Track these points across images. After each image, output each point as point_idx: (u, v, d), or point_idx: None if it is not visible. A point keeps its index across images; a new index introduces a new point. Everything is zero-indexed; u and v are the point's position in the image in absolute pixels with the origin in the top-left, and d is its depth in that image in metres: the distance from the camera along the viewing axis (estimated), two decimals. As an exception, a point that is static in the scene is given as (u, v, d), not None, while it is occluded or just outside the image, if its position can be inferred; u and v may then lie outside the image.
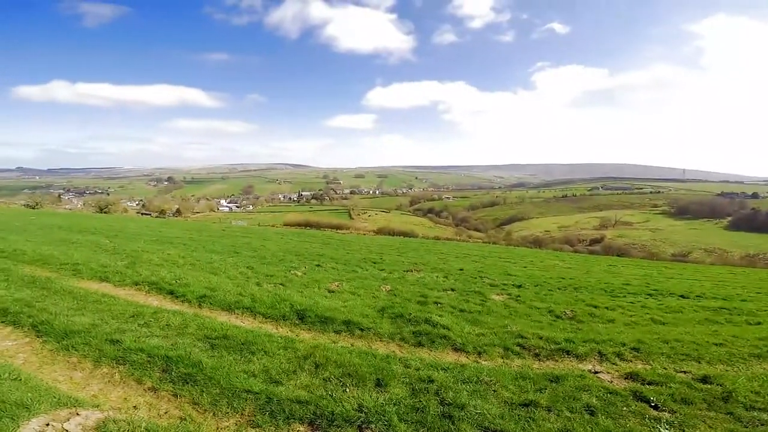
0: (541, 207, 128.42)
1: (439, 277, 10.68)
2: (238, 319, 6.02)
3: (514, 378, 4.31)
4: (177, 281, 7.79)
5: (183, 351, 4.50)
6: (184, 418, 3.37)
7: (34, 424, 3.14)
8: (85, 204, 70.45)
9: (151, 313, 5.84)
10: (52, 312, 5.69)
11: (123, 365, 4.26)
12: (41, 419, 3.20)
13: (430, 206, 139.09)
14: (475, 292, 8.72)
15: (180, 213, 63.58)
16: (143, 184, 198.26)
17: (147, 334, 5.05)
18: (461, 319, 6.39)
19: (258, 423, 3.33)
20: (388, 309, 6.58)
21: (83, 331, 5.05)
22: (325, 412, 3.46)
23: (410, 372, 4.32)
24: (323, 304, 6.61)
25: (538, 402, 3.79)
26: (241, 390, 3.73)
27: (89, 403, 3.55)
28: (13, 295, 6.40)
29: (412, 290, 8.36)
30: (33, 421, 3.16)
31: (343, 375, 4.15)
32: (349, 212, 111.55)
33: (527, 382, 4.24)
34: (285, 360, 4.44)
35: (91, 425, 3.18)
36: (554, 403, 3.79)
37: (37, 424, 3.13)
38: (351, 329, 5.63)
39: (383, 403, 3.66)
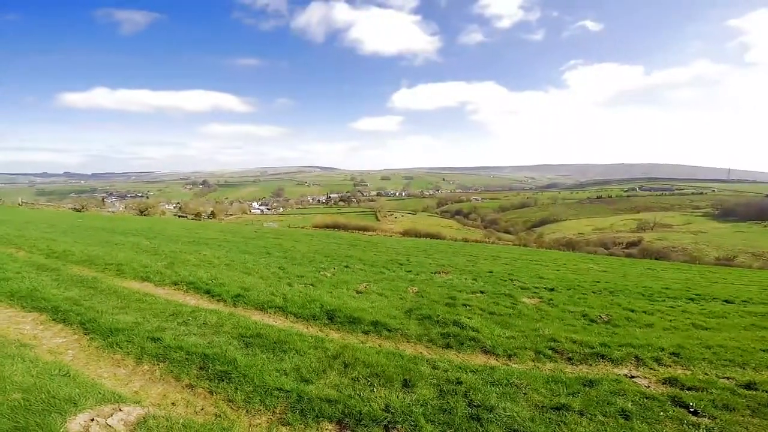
0: (575, 209, 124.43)
1: (467, 280, 10.58)
2: (271, 318, 6.17)
3: (546, 381, 4.24)
4: (213, 281, 8.07)
5: (219, 349, 4.62)
6: (219, 415, 3.47)
7: (80, 419, 3.27)
8: (127, 207, 74.25)
9: (189, 311, 6.04)
10: (98, 310, 5.96)
11: (163, 362, 4.40)
12: (87, 414, 3.34)
13: (458, 208, 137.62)
14: (505, 294, 8.60)
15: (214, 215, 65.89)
16: (180, 187, 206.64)
17: (185, 332, 5.23)
18: (491, 321, 6.32)
19: (289, 421, 3.40)
20: (415, 310, 6.60)
21: (127, 329, 5.25)
22: (353, 411, 3.51)
23: (438, 373, 4.32)
24: (352, 305, 6.71)
25: (570, 406, 3.72)
26: (273, 388, 3.82)
27: (131, 399, 3.67)
28: (63, 294, 6.73)
29: (439, 292, 8.33)
30: (79, 416, 3.31)
31: (371, 375, 4.19)
32: (375, 214, 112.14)
33: (559, 385, 4.16)
34: (315, 359, 4.52)
35: (133, 421, 3.30)
36: (587, 407, 3.72)
37: (83, 420, 3.27)
38: (378, 330, 5.68)
39: (410, 403, 3.68)
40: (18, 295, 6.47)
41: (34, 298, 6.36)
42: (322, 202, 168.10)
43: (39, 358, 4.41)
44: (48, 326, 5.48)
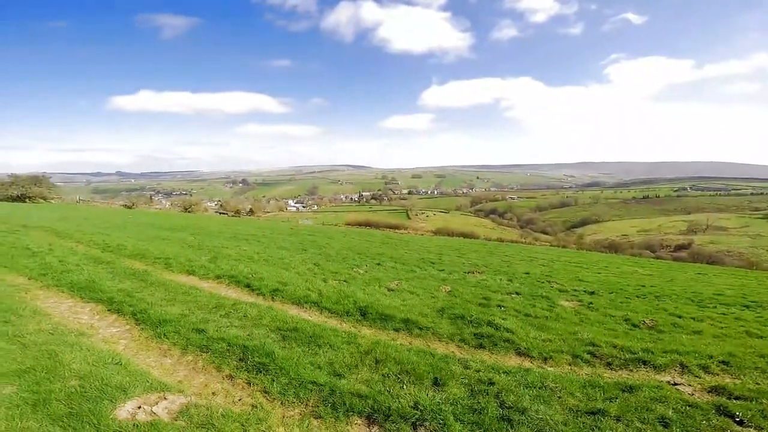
0: (618, 209, 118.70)
1: (502, 280, 10.42)
2: (306, 313, 6.35)
3: (582, 386, 4.15)
4: (253, 275, 8.39)
5: (258, 341, 4.78)
6: (255, 406, 3.57)
7: (128, 406, 3.44)
8: (172, 204, 78.23)
9: (230, 304, 6.30)
10: (148, 302, 6.27)
11: (206, 353, 4.58)
12: (134, 402, 3.51)
13: (493, 207, 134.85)
14: (542, 296, 8.41)
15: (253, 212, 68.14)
16: (220, 185, 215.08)
17: (227, 324, 5.45)
18: (526, 323, 6.21)
19: (320, 414, 3.48)
20: (447, 309, 6.59)
21: (174, 320, 5.49)
22: (382, 407, 3.55)
23: (469, 373, 4.31)
24: (384, 302, 6.79)
25: (606, 411, 3.63)
26: (307, 381, 3.91)
27: (175, 388, 3.82)
28: (117, 286, 7.19)
29: (473, 292, 8.26)
30: (128, 403, 3.48)
31: (401, 372, 4.23)
32: (407, 212, 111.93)
33: (596, 390, 4.06)
34: (348, 354, 4.61)
35: (176, 409, 3.45)
36: (624, 413, 3.62)
37: (131, 407, 3.43)
38: (410, 328, 5.72)
39: (439, 402, 3.69)
40: (78, 287, 6.98)
41: (91, 289, 6.83)
42: (354, 200, 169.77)
43: (95, 346, 4.69)
44: (103, 316, 5.85)
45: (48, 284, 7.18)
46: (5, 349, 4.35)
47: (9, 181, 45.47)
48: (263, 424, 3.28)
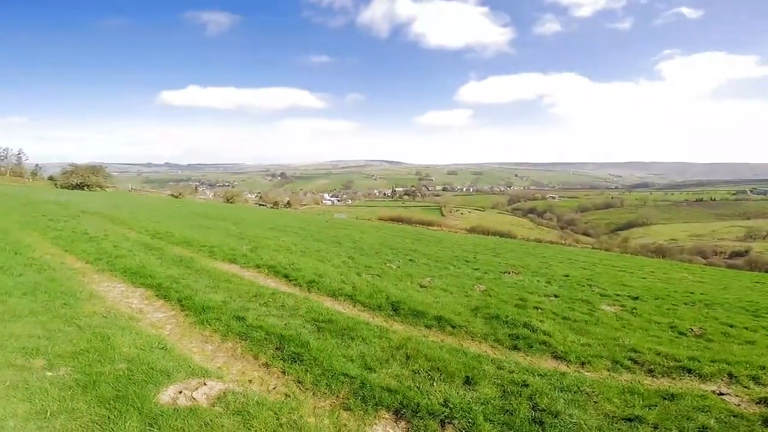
0: (668, 212, 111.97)
1: (540, 282, 10.15)
2: (340, 305, 6.45)
3: (621, 392, 4.01)
4: (291, 266, 8.62)
5: (294, 331, 4.86)
6: (289, 395, 3.62)
7: (171, 391, 3.52)
8: (216, 195, 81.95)
9: (269, 294, 6.49)
10: (193, 289, 6.49)
11: (245, 341, 4.67)
12: (177, 386, 3.58)
13: (532, 206, 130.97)
14: (582, 300, 8.13)
15: (290, 205, 70.15)
16: (260, 178, 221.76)
17: (266, 313, 5.59)
18: (564, 327, 6.04)
19: (350, 406, 3.50)
20: (482, 309, 6.50)
21: (216, 307, 5.63)
22: (411, 402, 3.54)
23: (503, 374, 4.25)
24: (416, 298, 6.78)
25: (644, 418, 3.50)
26: (339, 373, 3.94)
27: (215, 374, 3.89)
28: (165, 272, 7.53)
29: (509, 293, 8.10)
30: (170, 388, 3.56)
31: (432, 369, 4.21)
32: (440, 209, 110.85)
33: (635, 397, 3.92)
34: (379, 348, 4.63)
35: (214, 395, 3.51)
36: (663, 421, 3.48)
37: (173, 391, 3.51)
38: (442, 325, 5.69)
39: (470, 400, 3.65)
40: (129, 272, 7.39)
41: (141, 274, 7.21)
42: (387, 196, 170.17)
43: (143, 331, 4.84)
44: (151, 301, 6.11)
45: (103, 269, 7.66)
46: (63, 331, 4.57)
47: (70, 170, 49.43)
48: (295, 413, 3.33)
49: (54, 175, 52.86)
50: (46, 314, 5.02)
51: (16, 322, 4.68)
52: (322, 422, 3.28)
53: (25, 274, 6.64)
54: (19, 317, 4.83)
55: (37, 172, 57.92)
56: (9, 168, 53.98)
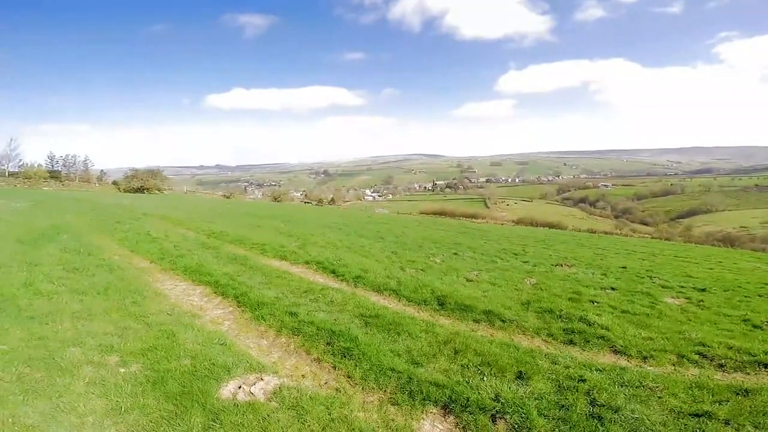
0: (736, 198, 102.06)
1: (595, 275, 9.65)
2: (386, 300, 6.49)
3: (687, 387, 3.79)
4: (338, 262, 8.80)
5: (343, 326, 4.94)
6: (339, 390, 3.68)
7: (231, 386, 3.64)
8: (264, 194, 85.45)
9: (319, 289, 6.65)
10: (248, 285, 6.74)
11: (297, 336, 4.81)
12: (236, 382, 3.71)
13: (583, 195, 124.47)
14: (642, 293, 7.65)
15: (333, 202, 71.48)
16: (305, 176, 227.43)
17: (316, 308, 5.72)
18: (624, 320, 5.74)
19: (397, 401, 3.51)
20: (533, 303, 6.31)
21: (270, 303, 5.81)
22: (461, 397, 3.50)
23: (558, 369, 4.11)
24: (463, 293, 6.69)
25: (713, 414, 3.29)
26: (387, 368, 3.96)
27: (270, 370, 4.00)
28: (221, 270, 7.85)
29: (562, 286, 7.79)
30: (230, 383, 3.69)
31: (482, 364, 4.14)
32: (484, 201, 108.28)
33: (703, 392, 3.69)
34: (426, 343, 4.61)
35: (270, 390, 3.61)
36: (735, 417, 3.25)
37: (233, 386, 3.63)
38: (491, 319, 5.57)
39: (523, 395, 3.56)
40: (189, 270, 7.80)
41: (200, 272, 7.58)
42: (428, 189, 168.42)
43: (203, 327, 5.06)
44: (210, 298, 6.37)
45: (166, 268, 8.16)
46: (133, 329, 4.86)
47: (131, 175, 53.61)
48: (346, 408, 3.37)
49: (117, 180, 57.40)
50: (118, 312, 5.38)
51: (93, 320, 5.04)
52: (371, 417, 3.32)
53: (97, 274, 7.20)
54: (95, 315, 5.20)
55: (102, 177, 62.23)
56: (78, 174, 59.05)
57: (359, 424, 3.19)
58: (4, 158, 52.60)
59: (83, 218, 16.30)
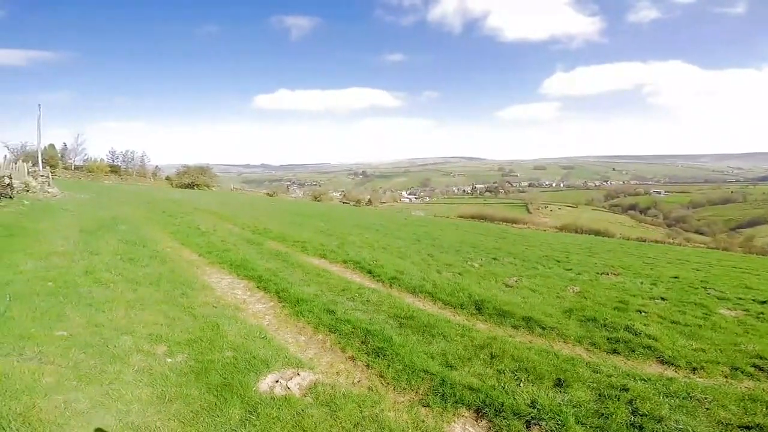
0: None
1: (644, 284, 9.15)
2: (421, 302, 6.45)
3: (739, 399, 3.59)
4: (374, 262, 8.86)
5: (378, 326, 4.95)
6: (372, 389, 3.70)
7: (269, 379, 3.71)
8: (305, 194, 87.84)
9: (356, 288, 6.73)
10: (289, 282, 6.87)
11: (333, 333, 4.85)
12: (274, 376, 3.78)
13: (633, 202, 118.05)
14: (694, 303, 7.19)
15: (371, 203, 72.33)
16: (344, 177, 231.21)
17: (352, 307, 5.75)
18: (673, 331, 5.46)
19: (429, 403, 3.49)
20: (576, 311, 6.09)
21: (309, 300, 5.89)
22: (495, 402, 3.43)
23: (599, 377, 3.97)
24: (502, 298, 6.55)
25: (765, 426, 3.12)
26: (419, 369, 3.94)
27: (307, 365, 4.06)
28: (264, 265, 8.03)
29: (607, 294, 7.45)
30: (269, 376, 3.76)
31: (519, 369, 4.05)
32: (526, 206, 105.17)
33: (757, 404, 3.49)
34: (461, 347, 4.56)
35: (306, 386, 3.67)
36: None
37: (271, 380, 3.70)
38: (531, 326, 5.42)
39: (560, 403, 3.46)
40: (234, 264, 8.08)
41: (244, 267, 7.83)
42: (467, 193, 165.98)
43: (246, 321, 5.17)
44: (253, 293, 6.50)
45: (213, 261, 8.52)
46: (181, 320, 5.01)
47: (183, 171, 56.83)
48: (377, 407, 3.40)
49: (170, 176, 60.94)
50: (167, 303, 5.60)
51: (144, 309, 5.27)
52: (401, 417, 3.32)
53: (150, 265, 7.59)
54: (147, 305, 5.44)
55: (156, 172, 65.87)
56: (135, 169, 63.05)
57: (389, 423, 3.20)
58: (71, 152, 57.15)
59: (139, 211, 17.39)
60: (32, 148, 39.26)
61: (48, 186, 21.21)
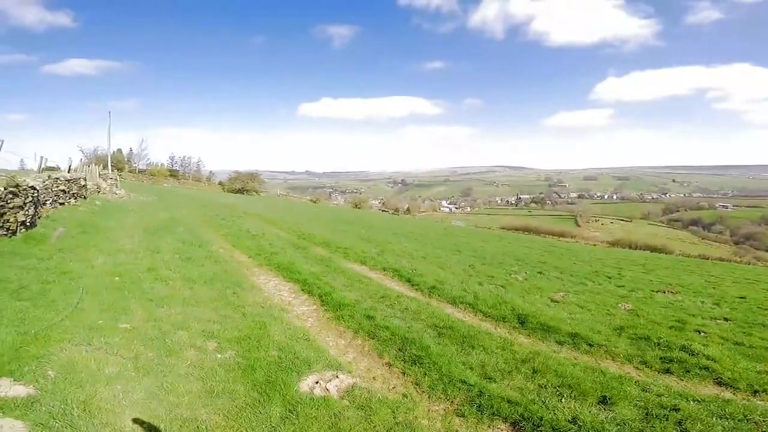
0: None
1: (705, 303, 8.55)
2: (461, 313, 6.38)
3: None
4: (413, 271, 8.89)
5: (416, 335, 5.00)
6: (406, 396, 3.74)
7: (309, 380, 3.83)
8: (346, 201, 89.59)
9: (395, 296, 6.79)
10: (332, 286, 7.07)
11: (372, 339, 4.95)
12: (314, 377, 3.89)
13: (695, 216, 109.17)
14: (762, 325, 6.69)
15: (409, 211, 72.36)
16: (383, 185, 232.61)
17: (391, 314, 5.84)
18: (736, 353, 5.10)
19: (464, 413, 3.48)
20: (627, 329, 5.81)
21: (350, 305, 6.03)
22: (534, 416, 3.38)
23: (648, 396, 3.82)
24: (547, 313, 6.36)
25: None
26: (457, 379, 3.94)
27: (345, 369, 4.16)
28: (309, 269, 8.33)
29: (663, 313, 7.04)
30: (310, 377, 3.88)
31: (562, 385, 3.96)
32: (575, 219, 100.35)
33: None
34: (502, 359, 4.50)
35: (344, 388, 3.76)
36: None
37: (311, 381, 3.82)
38: (576, 343, 5.23)
39: (603, 420, 3.37)
40: (281, 267, 8.43)
41: (290, 270, 8.14)
42: (510, 203, 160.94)
43: (291, 322, 5.39)
44: (297, 295, 6.80)
45: (261, 263, 8.95)
46: (232, 318, 5.27)
47: (234, 177, 59.86)
48: (410, 414, 3.43)
49: (222, 181, 64.31)
50: (220, 301, 5.96)
51: (199, 306, 5.64)
52: (434, 425, 3.34)
53: (205, 265, 8.10)
54: (201, 303, 5.81)
55: (210, 177, 69.49)
56: (191, 174, 66.90)
57: (422, 430, 3.23)
58: (136, 156, 61.71)
59: (195, 213, 18.55)
60: (103, 153, 43.06)
61: (116, 188, 23.22)
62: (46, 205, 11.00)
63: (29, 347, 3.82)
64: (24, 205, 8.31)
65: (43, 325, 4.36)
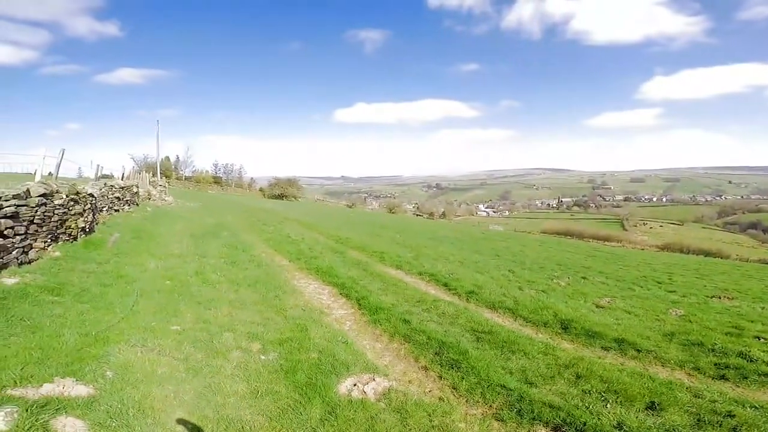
0: None
1: (765, 309, 7.92)
2: (500, 318, 6.30)
3: None
4: (450, 275, 8.85)
5: (453, 339, 4.99)
6: (443, 399, 3.73)
7: (348, 382, 3.89)
8: (380, 205, 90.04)
9: (431, 300, 6.79)
10: (369, 290, 7.17)
11: (408, 343, 4.97)
12: (352, 379, 3.95)
13: (754, 219, 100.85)
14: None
15: (445, 216, 71.65)
16: (418, 189, 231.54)
17: (427, 318, 5.85)
18: None
19: (503, 418, 3.45)
20: (678, 335, 5.57)
21: (386, 309, 6.10)
22: (576, 421, 3.32)
23: (700, 402, 3.66)
24: (591, 319, 6.16)
25: None
26: (496, 384, 3.91)
27: (382, 372, 4.18)
28: (347, 273, 8.44)
29: (717, 319, 6.65)
30: (348, 379, 3.94)
31: (607, 391, 3.85)
32: (621, 222, 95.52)
33: None
34: (544, 365, 4.43)
35: (380, 391, 3.79)
36: None
37: (350, 383, 3.88)
38: (623, 348, 5.05)
39: (651, 426, 3.27)
40: (321, 271, 8.64)
41: (329, 274, 8.34)
42: (552, 207, 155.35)
43: (330, 325, 5.50)
44: (336, 299, 6.93)
45: (301, 267, 9.21)
46: (274, 320, 5.43)
47: (274, 183, 61.94)
48: (447, 417, 3.42)
49: (263, 187, 66.61)
50: (263, 304, 6.17)
51: (244, 309, 5.84)
52: (472, 429, 3.33)
53: (249, 268, 8.44)
54: (246, 305, 6.02)
55: (251, 183, 72.46)
56: (234, 180, 69.61)
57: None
58: (182, 164, 65.02)
59: (238, 219, 19.33)
60: (152, 160, 45.45)
61: (165, 195, 24.66)
62: (102, 212, 11.82)
63: (90, 348, 4.00)
64: (84, 212, 8.88)
65: (102, 327, 4.57)
